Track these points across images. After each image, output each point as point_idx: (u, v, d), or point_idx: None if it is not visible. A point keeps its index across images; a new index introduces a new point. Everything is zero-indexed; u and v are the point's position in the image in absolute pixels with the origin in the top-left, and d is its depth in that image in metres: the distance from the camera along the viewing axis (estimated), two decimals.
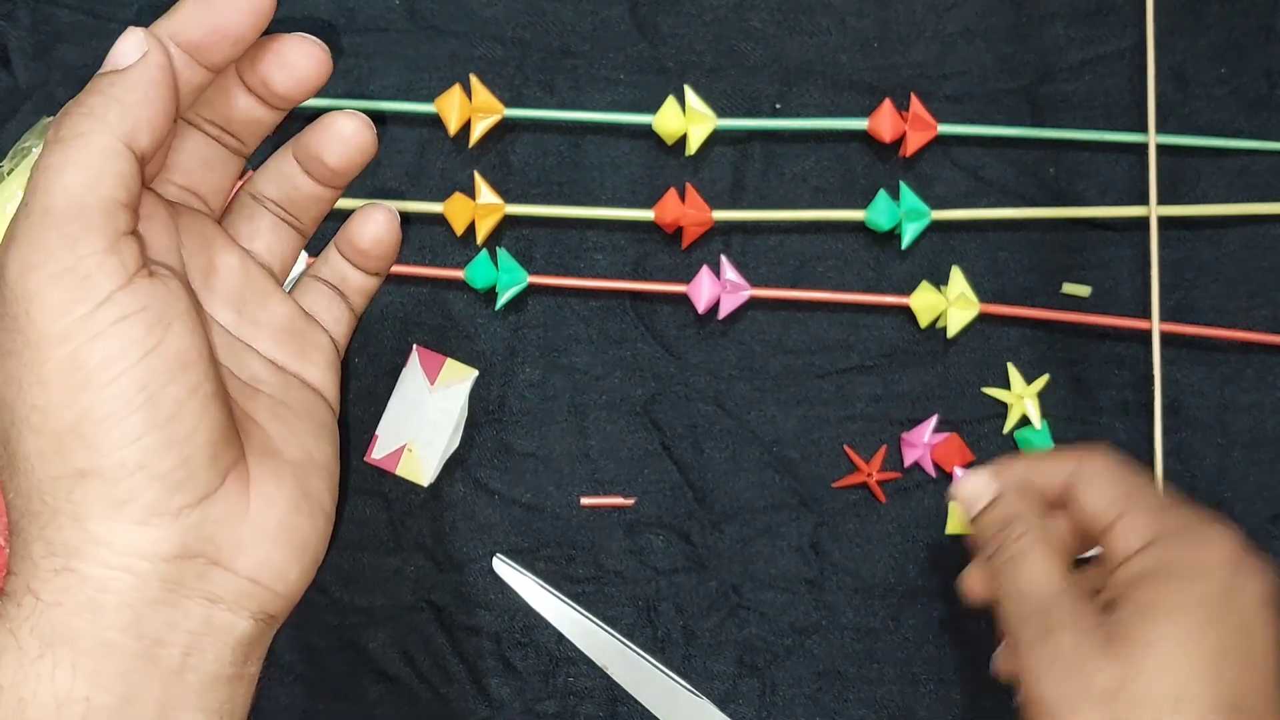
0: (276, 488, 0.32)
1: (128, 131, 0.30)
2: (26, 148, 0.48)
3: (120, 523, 0.29)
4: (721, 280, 0.49)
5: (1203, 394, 0.50)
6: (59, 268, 0.28)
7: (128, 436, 0.29)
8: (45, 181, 0.29)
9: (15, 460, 0.30)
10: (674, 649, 0.49)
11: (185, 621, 0.30)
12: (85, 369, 0.28)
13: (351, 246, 0.38)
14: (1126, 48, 0.51)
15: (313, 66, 0.35)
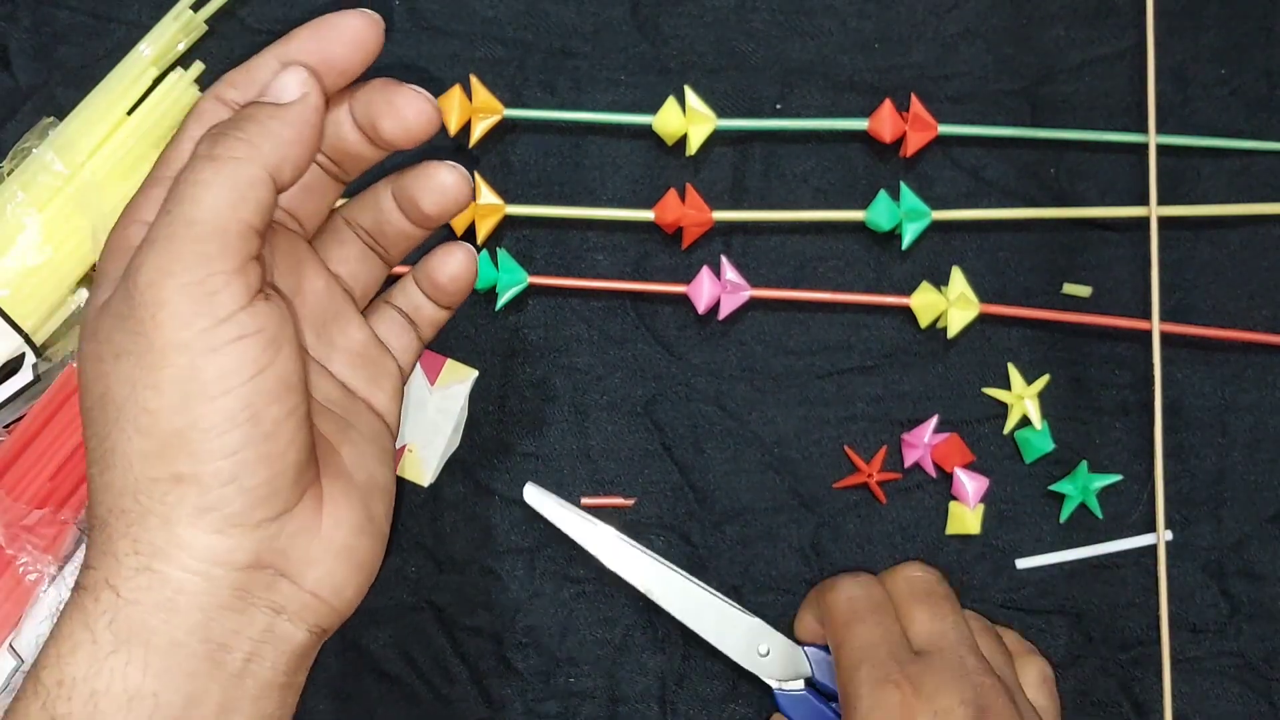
0: (346, 508, 0.34)
1: (276, 164, 0.31)
2: (26, 148, 0.48)
3: (203, 529, 0.31)
4: (722, 281, 0.49)
5: (1203, 394, 0.50)
6: (191, 279, 0.30)
7: (228, 449, 0.30)
8: (193, 194, 0.30)
9: (113, 458, 0.31)
10: (674, 649, 0.49)
11: (249, 628, 0.32)
12: (200, 380, 0.30)
13: (430, 280, 0.40)
14: (1126, 48, 0.51)
15: (421, 122, 0.35)
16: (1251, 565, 0.49)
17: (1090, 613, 0.49)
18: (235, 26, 0.51)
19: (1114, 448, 0.49)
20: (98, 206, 0.48)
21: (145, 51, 0.50)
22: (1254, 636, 0.48)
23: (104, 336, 0.31)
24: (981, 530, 0.49)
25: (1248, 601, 0.49)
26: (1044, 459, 0.49)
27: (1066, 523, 0.49)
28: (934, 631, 0.42)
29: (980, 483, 0.49)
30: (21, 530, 0.47)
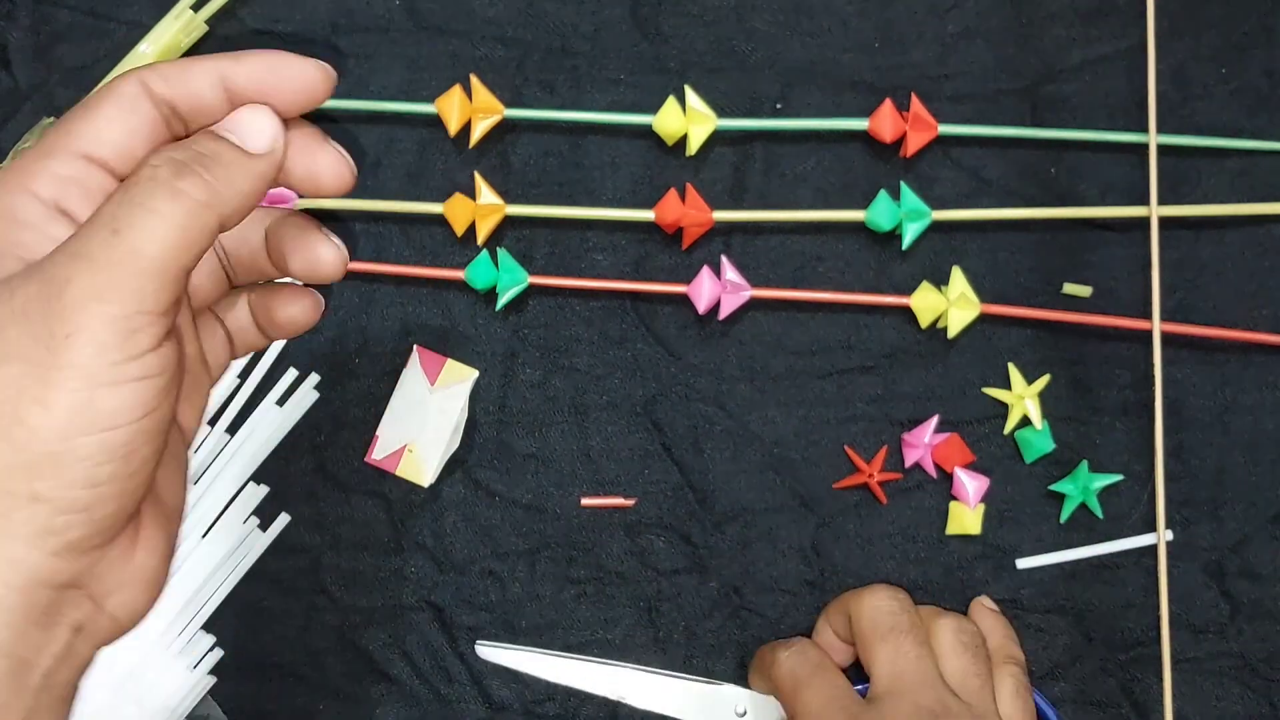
0: (158, 535, 0.32)
1: (228, 215, 0.30)
2: (26, 148, 0.48)
3: (39, 549, 0.29)
4: (722, 281, 0.49)
5: (1203, 394, 0.50)
6: (120, 312, 0.28)
7: (94, 480, 0.29)
8: (146, 224, 0.29)
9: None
10: (675, 650, 0.49)
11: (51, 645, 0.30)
12: (93, 411, 0.28)
13: (265, 313, 0.37)
14: (1127, 48, 0.51)
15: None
16: (1251, 565, 0.49)
17: (1090, 613, 0.49)
18: (235, 26, 0.51)
19: (1114, 448, 0.49)
20: None
21: (145, 51, 0.50)
22: (1254, 637, 0.48)
23: (11, 327, 0.28)
24: (982, 530, 0.49)
25: (1248, 602, 0.49)
26: (1044, 459, 0.49)
27: (1066, 523, 0.49)
28: (893, 673, 0.43)
29: (980, 483, 0.49)
30: None
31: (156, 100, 0.32)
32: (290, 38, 0.51)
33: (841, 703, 0.42)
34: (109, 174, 0.31)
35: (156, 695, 0.48)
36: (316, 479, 0.50)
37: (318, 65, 0.33)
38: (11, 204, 0.30)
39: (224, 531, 0.49)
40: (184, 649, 0.48)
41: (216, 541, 0.49)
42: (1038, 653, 0.48)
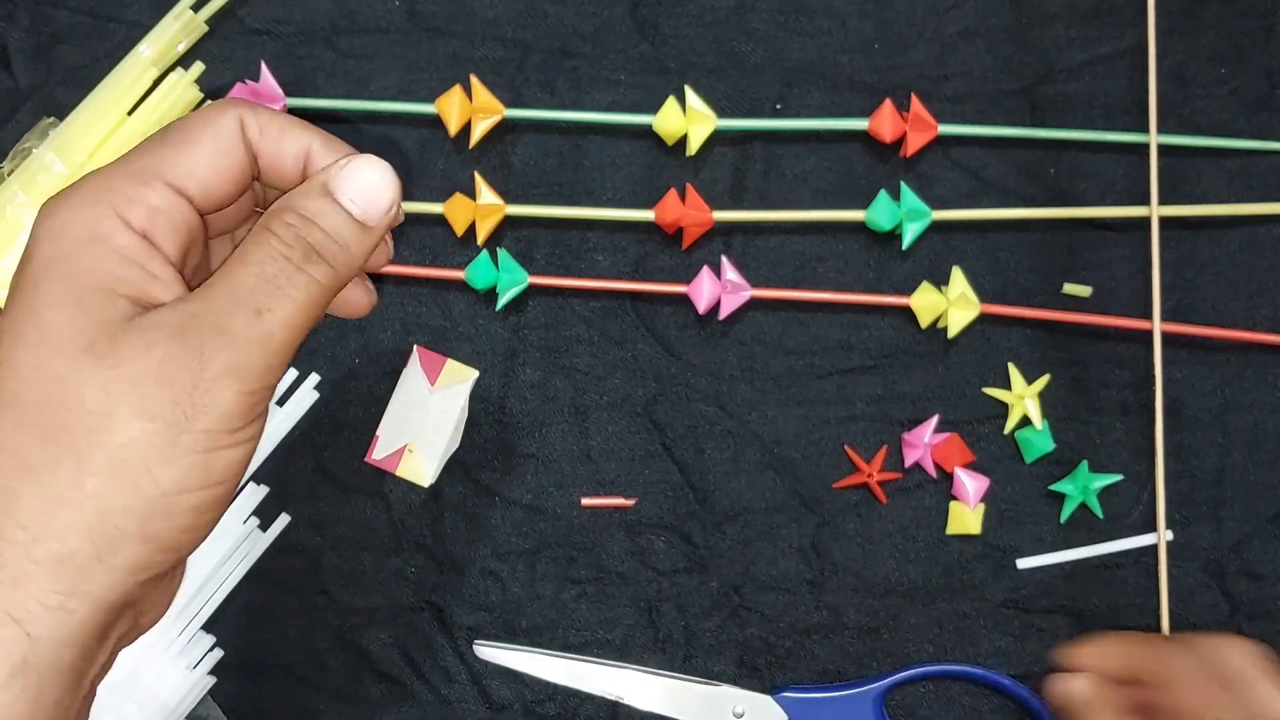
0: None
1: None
2: (27, 148, 0.48)
3: (128, 580, 0.31)
4: (722, 280, 0.49)
5: (1203, 394, 0.50)
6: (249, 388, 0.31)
7: (194, 526, 0.31)
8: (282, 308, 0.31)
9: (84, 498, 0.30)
10: (675, 649, 0.49)
11: (101, 656, 0.32)
12: (209, 468, 0.31)
13: None
14: (1126, 48, 0.51)
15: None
16: (1251, 565, 0.49)
17: (1090, 613, 0.49)
18: (235, 26, 0.51)
19: (1114, 448, 0.49)
20: None
21: (145, 51, 0.50)
22: (1254, 637, 0.48)
23: (137, 378, 0.30)
24: (982, 530, 0.49)
25: (1248, 601, 0.49)
26: (1044, 459, 0.49)
27: (1067, 523, 0.49)
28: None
29: (980, 482, 0.49)
30: None
31: (247, 143, 0.33)
32: (290, 38, 0.51)
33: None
34: (192, 208, 0.32)
35: (156, 695, 0.48)
36: (316, 479, 0.50)
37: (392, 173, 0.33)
38: (107, 229, 0.31)
39: (224, 531, 0.49)
40: (184, 649, 0.48)
41: (217, 541, 0.49)
42: (1038, 653, 0.48)
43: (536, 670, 0.48)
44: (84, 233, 0.31)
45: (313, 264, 0.31)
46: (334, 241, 0.32)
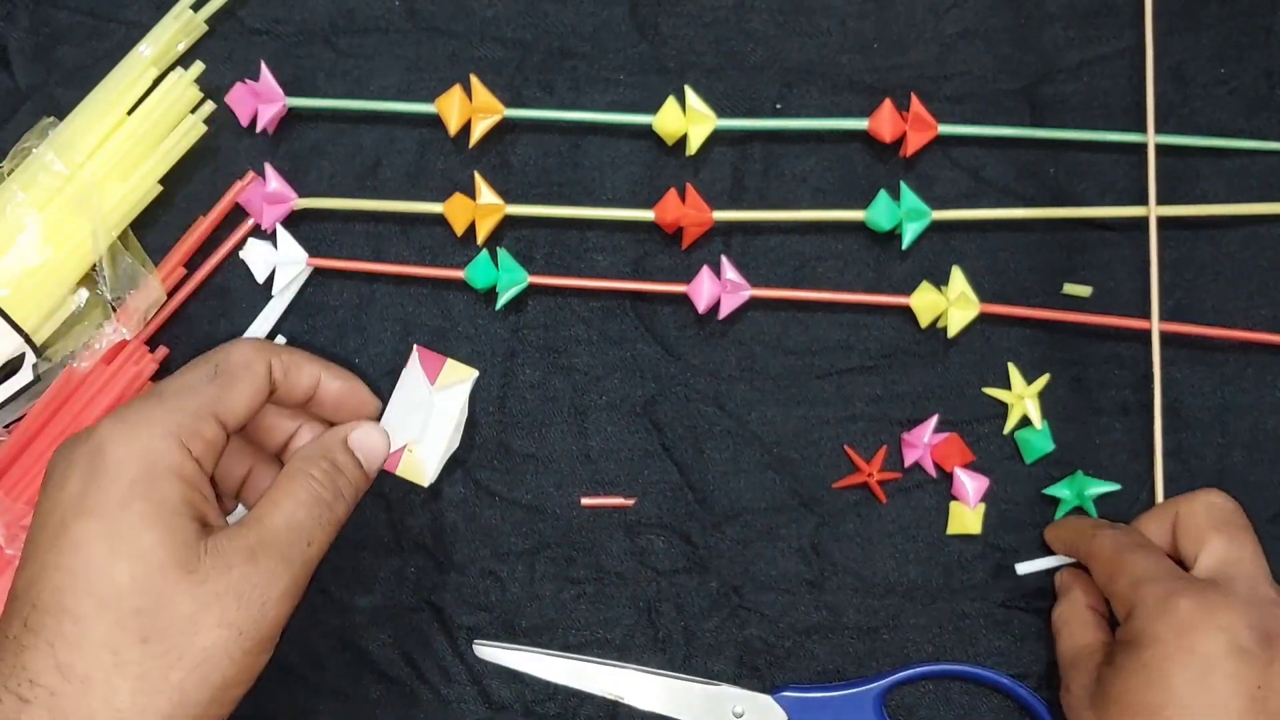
0: None
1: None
2: (26, 148, 0.48)
3: None
4: (722, 280, 0.49)
5: (1203, 394, 0.50)
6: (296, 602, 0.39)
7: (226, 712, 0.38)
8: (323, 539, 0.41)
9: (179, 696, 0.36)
10: (675, 650, 0.49)
11: None
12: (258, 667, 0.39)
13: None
14: (1126, 48, 0.51)
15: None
16: None
17: None
18: (235, 26, 0.51)
19: (1114, 448, 0.49)
20: (98, 206, 0.48)
21: (145, 51, 0.50)
22: None
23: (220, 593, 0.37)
24: (982, 530, 0.49)
25: None
26: (1044, 459, 0.49)
27: None
28: (1228, 559, 0.43)
29: (980, 482, 0.49)
30: (21, 530, 0.47)
31: (271, 379, 0.42)
32: (290, 38, 0.51)
33: (1175, 572, 0.42)
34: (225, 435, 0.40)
35: None
36: None
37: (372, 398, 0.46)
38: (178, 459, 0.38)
39: None
40: None
41: None
42: (1037, 653, 0.48)
43: (536, 670, 0.48)
44: (163, 463, 0.37)
45: (339, 503, 0.41)
46: (351, 485, 0.42)
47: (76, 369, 0.48)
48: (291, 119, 0.51)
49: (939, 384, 0.50)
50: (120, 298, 0.48)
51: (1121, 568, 0.43)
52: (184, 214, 0.51)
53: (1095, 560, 0.45)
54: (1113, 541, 0.44)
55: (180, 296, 0.50)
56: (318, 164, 0.51)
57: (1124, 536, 0.45)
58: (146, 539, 0.36)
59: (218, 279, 0.51)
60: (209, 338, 0.50)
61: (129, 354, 0.49)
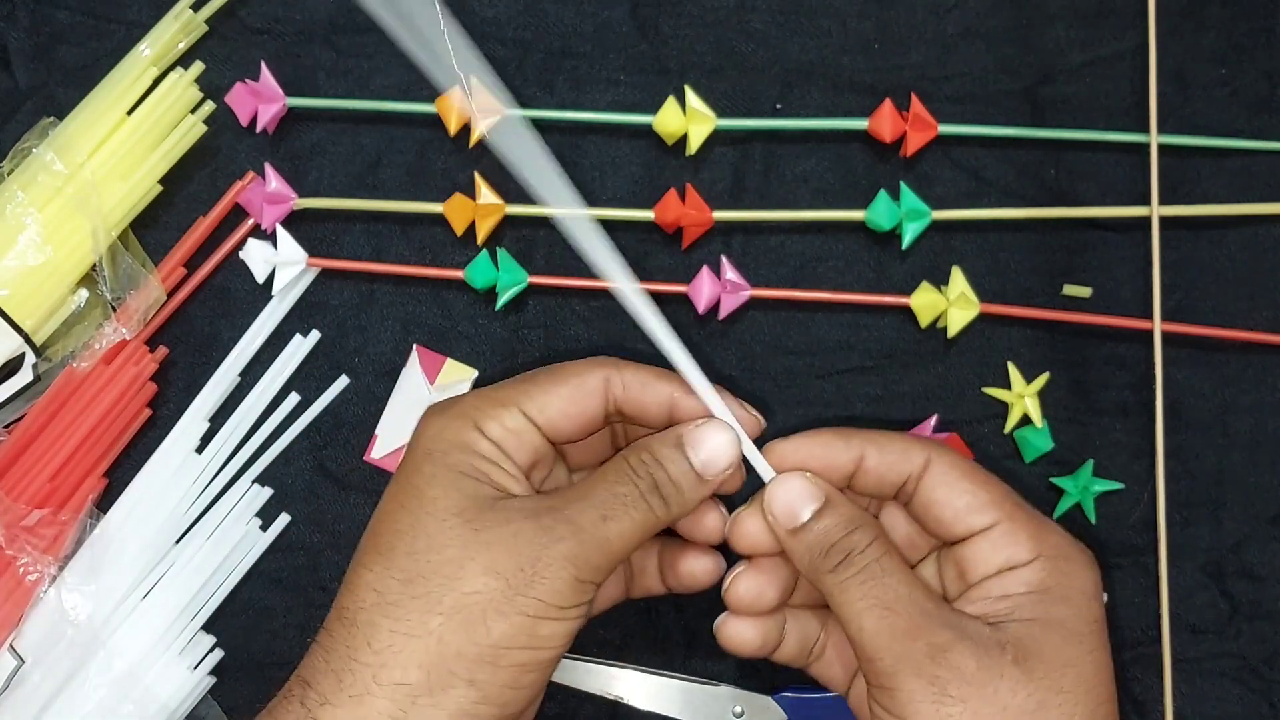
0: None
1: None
2: (26, 148, 0.48)
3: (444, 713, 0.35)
4: (722, 280, 0.49)
5: (1203, 394, 0.50)
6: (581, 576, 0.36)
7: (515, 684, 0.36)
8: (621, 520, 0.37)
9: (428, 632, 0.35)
10: (675, 650, 0.49)
11: None
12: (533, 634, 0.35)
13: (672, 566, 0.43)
14: (1127, 49, 0.50)
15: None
16: (1251, 566, 0.49)
17: None
18: (235, 26, 0.51)
19: (1114, 448, 0.49)
20: (98, 206, 0.48)
21: (145, 51, 0.50)
22: (1254, 637, 0.48)
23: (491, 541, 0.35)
24: None
25: (1248, 602, 0.49)
26: (1044, 458, 0.49)
27: (1060, 520, 0.49)
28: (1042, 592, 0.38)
29: None
30: (22, 531, 0.47)
31: (609, 397, 0.40)
32: (290, 37, 0.51)
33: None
34: (539, 432, 0.38)
35: (156, 695, 0.48)
36: (316, 478, 0.50)
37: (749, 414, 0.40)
38: (471, 437, 0.38)
39: (224, 532, 0.49)
40: (184, 649, 0.48)
41: (217, 542, 0.49)
42: None
43: None
44: (455, 437, 0.37)
45: (653, 496, 0.37)
46: (674, 484, 0.38)
47: (76, 369, 0.48)
48: (291, 119, 0.51)
49: (939, 384, 0.50)
50: (120, 298, 0.48)
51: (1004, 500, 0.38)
52: (184, 214, 0.51)
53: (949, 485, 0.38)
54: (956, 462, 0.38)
55: (180, 296, 0.50)
56: (318, 164, 0.51)
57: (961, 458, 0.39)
58: (429, 492, 0.36)
59: (218, 279, 0.51)
60: (209, 338, 0.50)
61: (129, 354, 0.49)
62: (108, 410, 0.48)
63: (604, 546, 0.36)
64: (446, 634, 0.35)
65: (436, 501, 0.36)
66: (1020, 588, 0.36)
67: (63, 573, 0.48)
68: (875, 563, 0.37)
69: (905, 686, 0.35)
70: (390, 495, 0.38)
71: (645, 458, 0.38)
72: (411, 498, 0.37)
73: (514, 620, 0.35)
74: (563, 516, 0.36)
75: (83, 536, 0.48)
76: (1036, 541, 0.37)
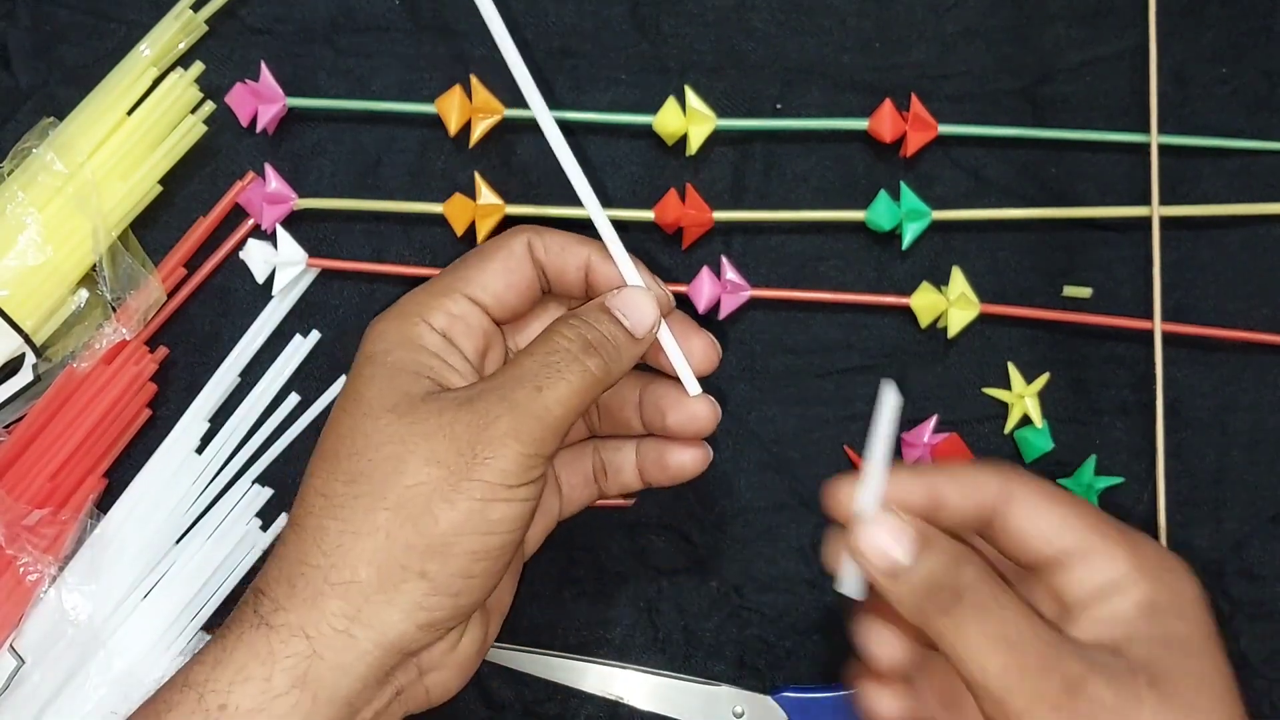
0: (481, 630, 0.39)
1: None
2: (26, 148, 0.48)
3: (411, 621, 0.35)
4: (722, 280, 0.49)
5: (1203, 394, 0.50)
6: (525, 450, 0.36)
7: (470, 572, 0.36)
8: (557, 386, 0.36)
9: (376, 529, 0.35)
10: (675, 650, 0.49)
11: (377, 702, 0.36)
12: (485, 516, 0.35)
13: (658, 462, 0.42)
14: (1127, 48, 0.50)
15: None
16: (1251, 565, 0.49)
17: None
18: (235, 26, 0.51)
19: (1114, 448, 0.49)
20: (98, 206, 0.48)
21: (145, 51, 0.50)
22: (1254, 637, 0.48)
23: (429, 432, 0.35)
24: None
25: (1248, 601, 0.49)
26: (1044, 459, 0.49)
27: None
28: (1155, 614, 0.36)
29: None
30: (22, 530, 0.47)
31: (535, 261, 0.40)
32: (290, 37, 0.51)
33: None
34: (485, 313, 0.39)
35: None
36: None
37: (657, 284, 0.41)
38: (416, 332, 0.38)
39: (224, 532, 0.49)
40: (184, 649, 0.48)
41: (217, 542, 0.49)
42: None
43: (536, 670, 0.48)
44: (399, 336, 0.38)
45: (588, 355, 0.37)
46: (608, 341, 0.38)
47: (76, 369, 0.48)
48: (291, 119, 0.51)
49: (939, 384, 0.50)
50: (120, 298, 0.48)
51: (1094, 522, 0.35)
52: (184, 214, 0.51)
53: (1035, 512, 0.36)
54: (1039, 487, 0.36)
55: (180, 296, 0.50)
56: (318, 164, 0.51)
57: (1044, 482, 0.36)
58: (367, 393, 0.37)
59: (218, 279, 0.51)
60: (209, 338, 0.50)
61: (129, 354, 0.49)
62: (108, 410, 0.48)
63: (543, 417, 0.36)
64: (394, 528, 0.35)
65: (372, 402, 0.36)
66: (1130, 608, 0.34)
67: (63, 573, 0.48)
68: (990, 598, 0.34)
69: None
70: (336, 404, 0.38)
71: (573, 322, 0.38)
72: (351, 401, 0.37)
73: (461, 507, 0.35)
74: (496, 396, 0.36)
75: (83, 536, 0.48)
76: (1135, 557, 0.35)
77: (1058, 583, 0.35)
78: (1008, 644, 0.33)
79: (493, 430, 0.35)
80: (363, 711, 0.36)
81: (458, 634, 0.38)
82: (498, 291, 0.39)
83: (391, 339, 0.38)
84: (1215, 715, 0.33)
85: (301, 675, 0.34)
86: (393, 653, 0.35)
